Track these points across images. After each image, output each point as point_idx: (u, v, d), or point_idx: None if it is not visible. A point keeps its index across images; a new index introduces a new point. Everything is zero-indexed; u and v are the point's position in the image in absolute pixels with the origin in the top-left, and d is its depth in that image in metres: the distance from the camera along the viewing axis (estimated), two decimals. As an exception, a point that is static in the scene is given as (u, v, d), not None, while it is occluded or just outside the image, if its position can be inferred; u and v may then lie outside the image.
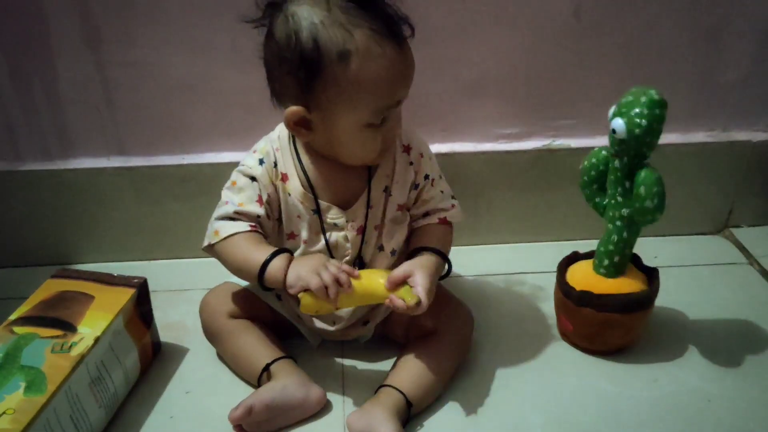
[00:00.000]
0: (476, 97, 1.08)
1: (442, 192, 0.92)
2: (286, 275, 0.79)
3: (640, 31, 1.05)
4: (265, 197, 0.85)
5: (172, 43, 1.01)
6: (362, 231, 0.87)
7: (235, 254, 0.83)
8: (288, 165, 0.86)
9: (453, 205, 0.92)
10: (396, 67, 0.77)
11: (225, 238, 0.83)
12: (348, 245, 0.87)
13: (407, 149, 0.88)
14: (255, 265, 0.80)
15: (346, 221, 0.87)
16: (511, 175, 1.13)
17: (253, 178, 0.86)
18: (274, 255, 0.81)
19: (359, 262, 0.89)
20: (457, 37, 1.03)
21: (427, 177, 0.90)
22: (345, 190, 0.87)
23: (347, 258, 0.88)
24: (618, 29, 1.05)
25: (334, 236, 0.87)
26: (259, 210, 0.85)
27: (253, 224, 0.84)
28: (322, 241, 0.87)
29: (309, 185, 0.86)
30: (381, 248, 0.90)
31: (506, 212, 1.17)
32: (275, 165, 0.86)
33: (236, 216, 0.85)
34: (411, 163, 0.88)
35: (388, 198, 0.88)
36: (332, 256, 0.87)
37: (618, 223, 0.89)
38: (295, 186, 0.86)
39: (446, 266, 0.89)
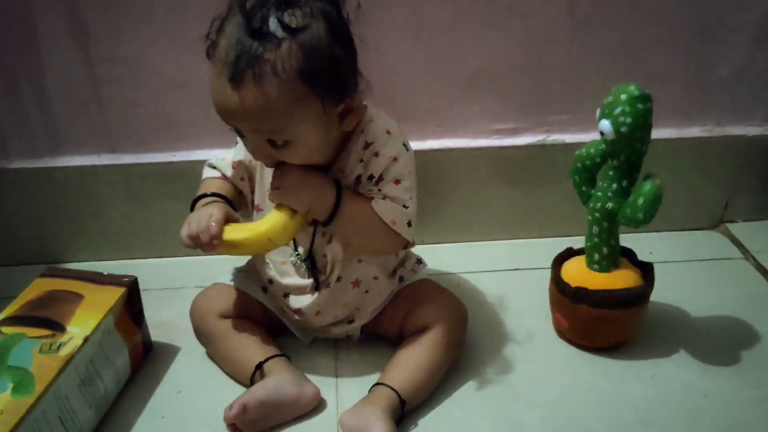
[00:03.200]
0: (471, 93, 1.08)
1: (379, 190, 0.83)
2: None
3: (634, 26, 1.05)
4: (238, 159, 0.89)
5: (161, 39, 1.00)
6: (314, 222, 0.85)
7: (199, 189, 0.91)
8: None
9: (385, 197, 0.83)
10: (219, 98, 0.74)
11: (202, 180, 0.93)
12: (303, 233, 0.87)
13: (367, 146, 0.83)
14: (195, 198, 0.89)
15: None
16: (506, 171, 1.13)
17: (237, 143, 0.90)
18: (203, 197, 0.87)
19: (311, 261, 0.88)
20: (452, 32, 1.03)
21: (371, 177, 0.83)
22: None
23: (301, 249, 0.87)
24: (612, 24, 1.04)
25: None
26: (227, 171, 0.90)
27: (221, 176, 0.91)
28: None
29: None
30: (330, 240, 0.87)
31: (500, 208, 1.16)
32: None
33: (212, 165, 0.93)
34: (361, 161, 0.83)
35: None
36: (295, 241, 0.88)
37: (597, 214, 0.89)
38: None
39: (335, 196, 0.81)
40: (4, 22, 0.98)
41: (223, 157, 0.91)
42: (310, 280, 0.89)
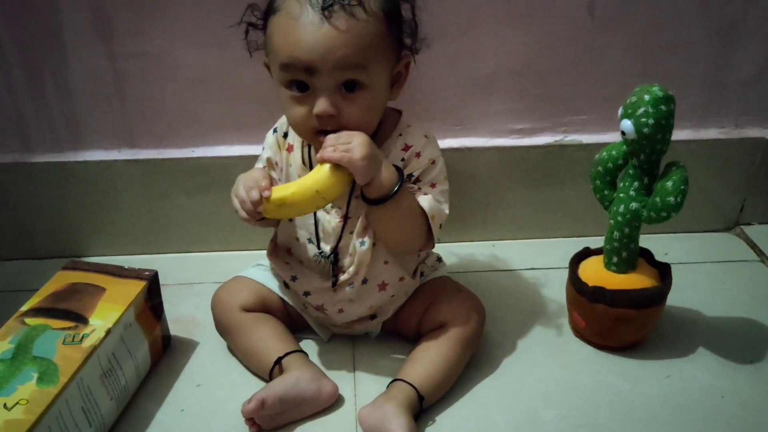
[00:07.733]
0: (488, 92, 1.08)
1: (419, 189, 0.85)
2: None
3: (652, 27, 1.05)
4: (263, 164, 0.90)
5: (183, 36, 1.01)
6: (344, 220, 0.86)
7: None
8: (296, 137, 0.87)
9: (426, 193, 0.84)
10: (301, 38, 0.74)
11: None
12: (330, 230, 0.87)
13: (407, 148, 0.85)
14: None
15: (332, 206, 0.86)
16: (523, 171, 1.13)
17: (263, 148, 0.91)
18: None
19: (334, 257, 0.88)
20: (470, 32, 1.03)
21: (410, 177, 0.85)
22: None
23: (330, 246, 0.87)
24: (631, 25, 1.04)
25: (322, 217, 0.87)
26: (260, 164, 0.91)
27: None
28: (312, 220, 0.87)
29: (309, 161, 0.86)
30: (362, 243, 0.86)
31: (517, 208, 1.16)
32: (285, 135, 0.89)
33: None
34: (402, 159, 0.85)
35: None
36: (318, 238, 0.88)
37: (619, 218, 0.89)
38: (296, 159, 0.87)
39: (398, 177, 0.80)
40: (29, 17, 0.99)
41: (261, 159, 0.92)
42: (329, 280, 0.89)
